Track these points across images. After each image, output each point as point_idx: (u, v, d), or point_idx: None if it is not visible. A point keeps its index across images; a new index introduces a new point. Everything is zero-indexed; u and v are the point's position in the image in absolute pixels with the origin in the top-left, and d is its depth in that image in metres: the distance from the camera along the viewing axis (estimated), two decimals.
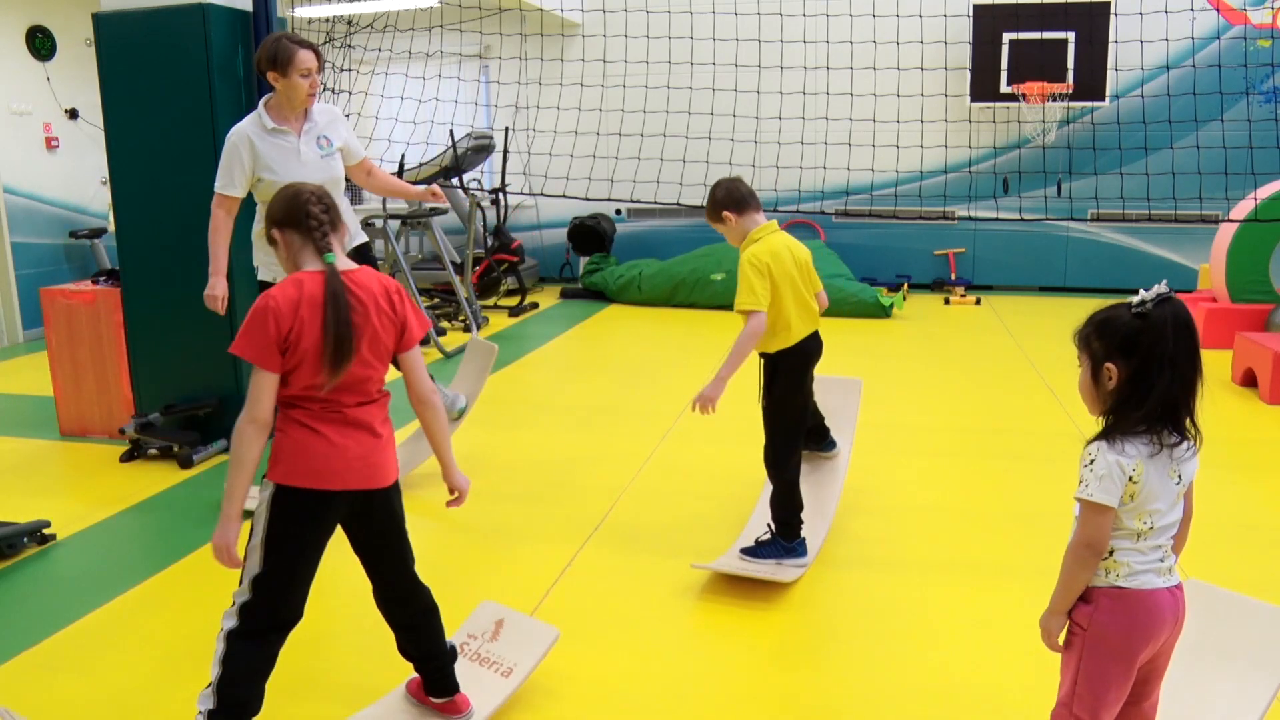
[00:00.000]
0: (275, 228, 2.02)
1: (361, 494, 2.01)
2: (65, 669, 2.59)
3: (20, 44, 7.26)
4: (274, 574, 1.97)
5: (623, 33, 6.78)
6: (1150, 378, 1.59)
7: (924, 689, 2.42)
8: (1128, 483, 1.61)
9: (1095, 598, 1.66)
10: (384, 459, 2.04)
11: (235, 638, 1.97)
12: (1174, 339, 1.59)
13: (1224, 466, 4.03)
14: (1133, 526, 1.64)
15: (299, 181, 2.10)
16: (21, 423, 4.96)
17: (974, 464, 4.15)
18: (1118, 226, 8.28)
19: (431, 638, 2.22)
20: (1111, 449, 1.61)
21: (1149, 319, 1.60)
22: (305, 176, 3.24)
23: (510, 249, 8.33)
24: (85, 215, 7.74)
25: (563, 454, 4.29)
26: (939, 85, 7.38)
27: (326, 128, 3.48)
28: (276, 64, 3.31)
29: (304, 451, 1.95)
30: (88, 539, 3.47)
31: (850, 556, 3.21)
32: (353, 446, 1.98)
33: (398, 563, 2.15)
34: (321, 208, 2.00)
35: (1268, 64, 7.60)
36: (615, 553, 3.28)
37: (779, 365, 3.04)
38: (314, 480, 1.95)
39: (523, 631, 2.47)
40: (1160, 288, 1.62)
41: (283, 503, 1.96)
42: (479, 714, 2.27)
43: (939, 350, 6.46)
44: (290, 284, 1.95)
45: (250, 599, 1.97)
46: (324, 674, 2.54)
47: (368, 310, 1.99)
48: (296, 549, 1.98)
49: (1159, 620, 1.66)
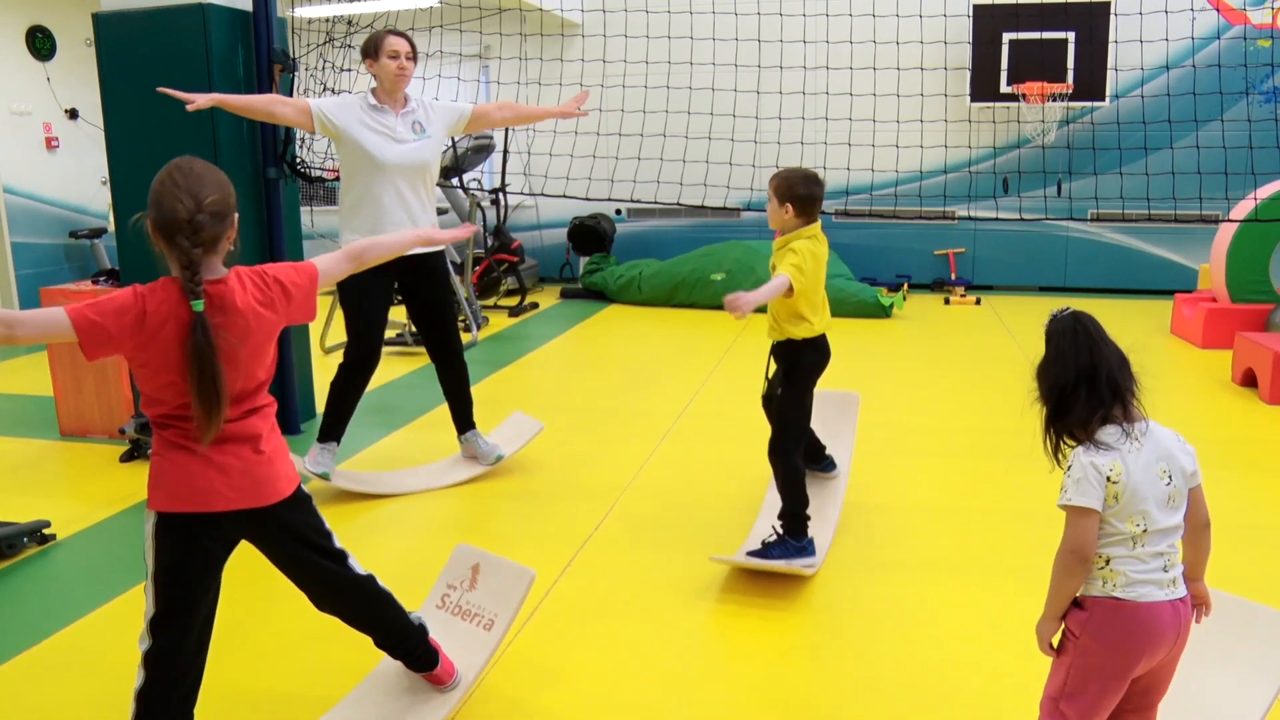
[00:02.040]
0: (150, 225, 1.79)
1: (252, 512, 1.86)
2: (65, 669, 2.58)
3: (20, 44, 7.26)
4: (168, 610, 1.82)
5: (623, 33, 6.78)
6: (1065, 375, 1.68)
7: (924, 688, 2.42)
8: (1108, 483, 1.60)
9: (1090, 606, 1.64)
10: (271, 472, 1.88)
11: (144, 698, 1.82)
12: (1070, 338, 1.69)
13: (1224, 466, 4.03)
14: (1125, 530, 1.61)
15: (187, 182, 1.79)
16: (21, 423, 4.96)
17: (974, 464, 4.15)
18: (1118, 226, 8.28)
19: (388, 626, 2.16)
20: (1085, 452, 1.64)
21: (1049, 336, 1.73)
22: (397, 154, 3.56)
23: (510, 249, 8.33)
24: (85, 215, 7.75)
25: (563, 454, 4.29)
26: (939, 85, 7.38)
27: (422, 115, 3.68)
28: (369, 51, 3.61)
29: (181, 473, 1.80)
30: (88, 539, 3.47)
31: (851, 556, 3.21)
32: (234, 463, 1.82)
33: (317, 572, 2.01)
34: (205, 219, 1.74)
35: (1268, 64, 7.61)
36: (615, 553, 3.28)
37: (802, 357, 3.07)
38: (196, 503, 1.80)
39: (500, 576, 2.45)
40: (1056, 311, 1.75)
41: (166, 532, 1.82)
42: (466, 674, 2.28)
43: (939, 350, 6.46)
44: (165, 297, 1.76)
45: (151, 645, 1.82)
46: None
47: (238, 336, 1.80)
48: (186, 579, 1.83)
49: (1157, 635, 1.62)
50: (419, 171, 3.65)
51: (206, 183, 1.78)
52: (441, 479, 3.96)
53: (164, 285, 1.79)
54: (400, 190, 3.60)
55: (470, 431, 4.03)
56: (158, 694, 1.84)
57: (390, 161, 3.57)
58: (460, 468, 4.02)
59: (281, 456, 1.92)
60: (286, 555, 1.99)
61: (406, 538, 3.50)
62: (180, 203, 1.73)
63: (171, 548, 1.82)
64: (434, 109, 3.74)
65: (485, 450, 4.02)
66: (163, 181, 1.77)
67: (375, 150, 3.55)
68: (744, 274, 7.85)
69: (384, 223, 3.57)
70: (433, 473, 4.01)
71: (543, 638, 2.70)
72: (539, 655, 2.60)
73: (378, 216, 3.58)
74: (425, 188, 3.70)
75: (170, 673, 1.84)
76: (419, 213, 3.66)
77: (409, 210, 3.63)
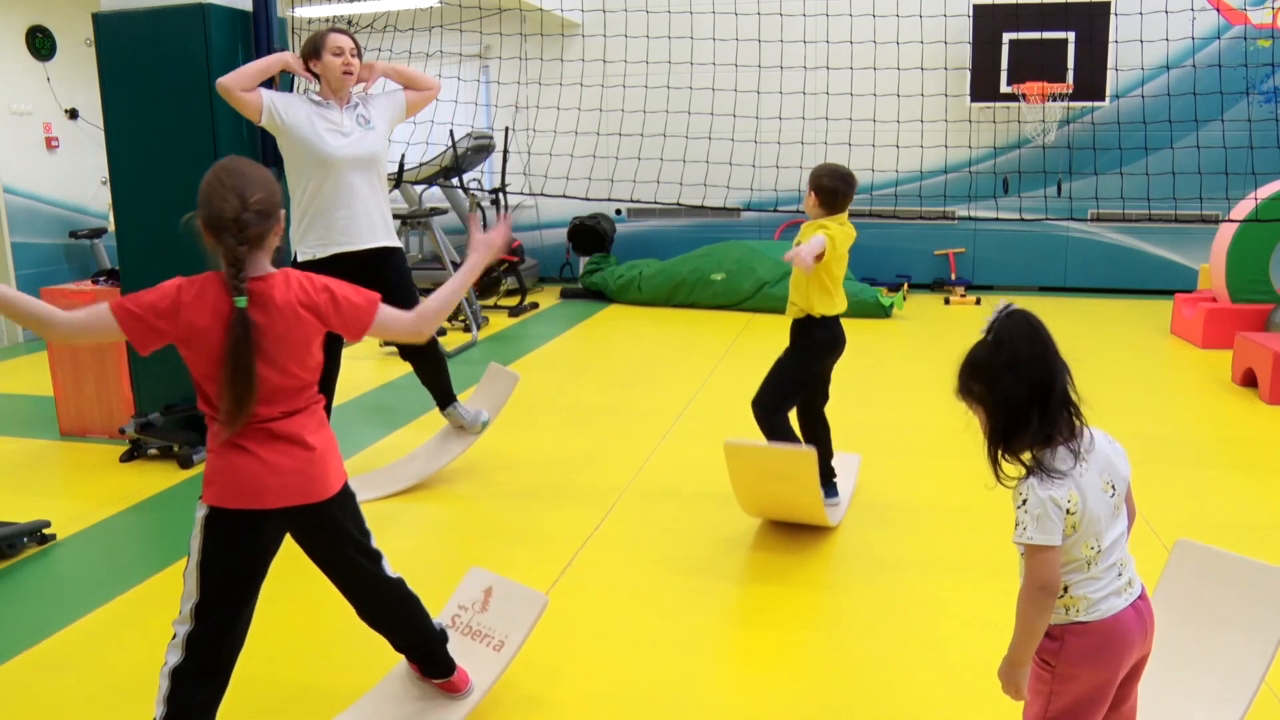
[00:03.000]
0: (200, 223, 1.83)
1: (301, 509, 1.92)
2: (65, 669, 2.59)
3: (20, 44, 7.26)
4: (212, 601, 1.88)
5: (623, 33, 6.78)
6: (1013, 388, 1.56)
7: (925, 688, 2.42)
8: (1066, 515, 1.54)
9: (1060, 635, 1.60)
10: (321, 470, 1.94)
11: (180, 675, 1.88)
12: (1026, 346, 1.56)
13: (1224, 466, 4.03)
14: (1081, 555, 1.57)
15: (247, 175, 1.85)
16: (21, 423, 4.96)
17: (974, 464, 4.12)
18: (1118, 226, 8.28)
19: (412, 628, 2.19)
20: (1041, 485, 1.55)
21: (1000, 338, 1.57)
22: (342, 147, 3.51)
23: (510, 249, 8.33)
24: (85, 215, 7.74)
25: (563, 454, 4.29)
26: (939, 85, 7.38)
27: (364, 109, 3.64)
28: (312, 51, 3.56)
29: (236, 471, 1.86)
30: (88, 539, 3.47)
31: (851, 555, 3.21)
32: (285, 462, 1.88)
33: (355, 570, 2.07)
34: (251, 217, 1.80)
35: (1268, 64, 7.60)
36: (615, 553, 3.28)
37: (813, 333, 3.30)
38: (247, 500, 1.87)
39: (512, 599, 2.45)
40: (1000, 308, 1.60)
41: (217, 525, 1.88)
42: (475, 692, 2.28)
43: (939, 350, 6.44)
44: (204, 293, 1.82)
45: (194, 628, 1.88)
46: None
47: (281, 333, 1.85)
48: (233, 572, 1.90)
49: (1128, 643, 1.60)
50: (368, 164, 3.58)
51: (252, 182, 1.84)
52: (437, 460, 3.95)
53: (208, 279, 1.85)
54: (352, 184, 3.53)
55: (451, 405, 3.99)
56: (194, 676, 1.89)
57: (339, 156, 3.50)
58: (452, 443, 4.01)
59: (331, 453, 1.98)
60: (329, 551, 2.04)
61: (406, 538, 3.50)
62: (227, 202, 1.79)
63: (220, 540, 1.89)
64: (374, 101, 3.69)
65: (470, 418, 3.99)
66: (210, 182, 1.83)
67: (323, 145, 3.48)
68: (744, 274, 7.85)
69: (335, 219, 3.51)
70: (428, 455, 4.00)
71: (542, 637, 2.69)
72: (538, 655, 2.59)
73: (327, 216, 3.52)
74: (378, 180, 3.64)
75: (211, 657, 1.90)
76: (371, 205, 3.58)
77: (361, 203, 3.55)
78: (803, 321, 3.31)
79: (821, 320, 3.28)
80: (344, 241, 3.54)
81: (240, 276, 1.80)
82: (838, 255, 3.24)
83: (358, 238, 3.55)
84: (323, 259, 3.51)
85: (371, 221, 3.58)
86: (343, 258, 3.51)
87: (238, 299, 1.79)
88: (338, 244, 3.53)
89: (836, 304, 3.30)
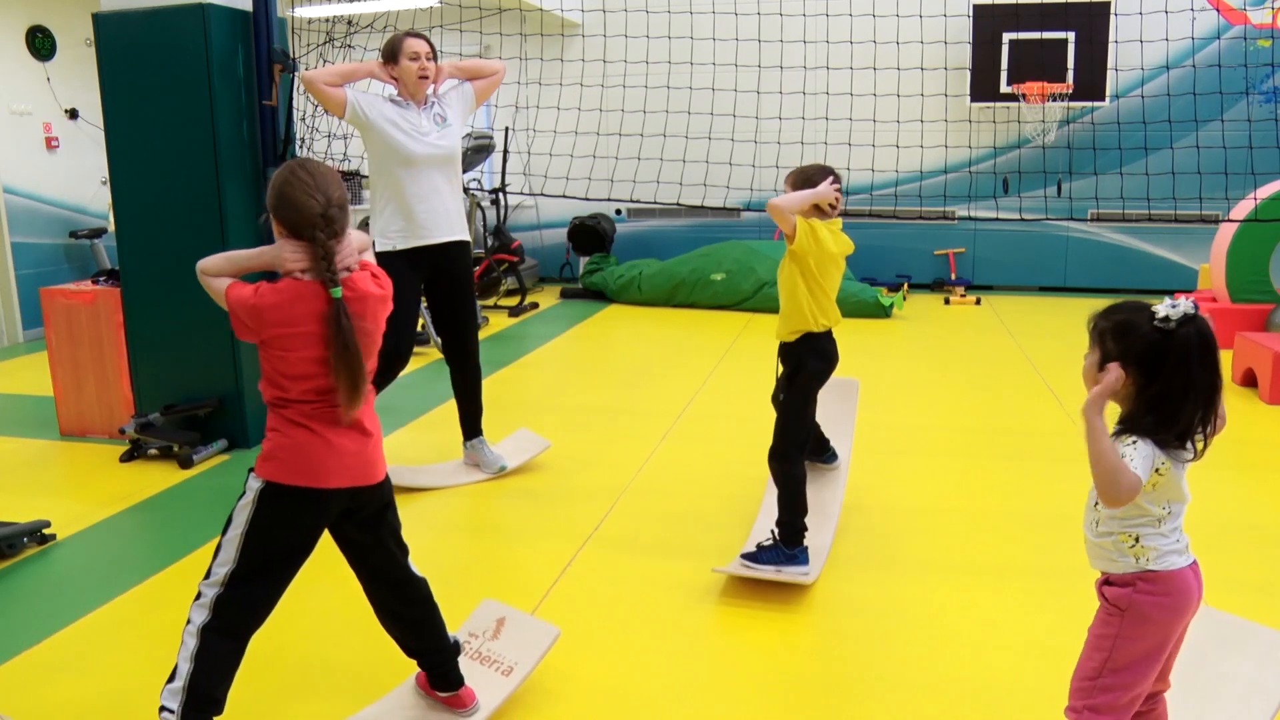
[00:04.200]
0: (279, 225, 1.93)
1: (356, 491, 2.00)
2: (65, 669, 2.58)
3: (20, 44, 7.26)
4: (252, 572, 1.94)
5: (623, 33, 6.79)
6: (1174, 400, 1.60)
7: (926, 688, 2.42)
8: (1154, 473, 1.63)
9: (1130, 581, 1.69)
10: (376, 455, 2.04)
11: (209, 632, 1.93)
12: (1199, 363, 1.59)
13: (1224, 466, 4.03)
14: (1154, 512, 1.67)
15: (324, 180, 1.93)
16: (21, 423, 4.96)
17: (974, 464, 4.15)
18: (1118, 226, 8.28)
19: (430, 631, 2.22)
20: (1146, 443, 1.62)
21: (1173, 338, 1.59)
22: (425, 148, 3.62)
23: (510, 249, 8.33)
24: (85, 215, 7.74)
25: (563, 454, 4.29)
26: (939, 85, 7.38)
27: (440, 107, 3.73)
28: (389, 55, 3.65)
29: (301, 450, 1.93)
30: (88, 539, 3.47)
31: (851, 556, 3.21)
32: (348, 444, 1.97)
33: (388, 556, 2.14)
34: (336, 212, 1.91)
35: (1268, 64, 7.60)
36: (615, 553, 3.28)
37: (806, 362, 3.05)
38: (311, 479, 1.93)
39: (524, 630, 2.47)
40: (1186, 305, 1.59)
41: (273, 500, 1.94)
42: (481, 711, 2.28)
43: (939, 350, 6.46)
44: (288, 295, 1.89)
45: (224, 593, 1.93)
46: (328, 669, 2.54)
47: (366, 325, 1.95)
48: (279, 549, 1.97)
49: (1187, 597, 1.69)
50: (447, 161, 3.72)
51: (330, 180, 1.93)
52: (441, 481, 3.96)
53: (286, 285, 1.90)
54: (433, 180, 3.67)
55: (477, 439, 4.03)
56: (220, 634, 1.93)
57: (420, 155, 3.63)
58: (461, 474, 4.02)
59: (380, 438, 2.06)
60: (372, 537, 2.09)
61: (405, 538, 3.49)
62: (313, 199, 1.88)
63: (272, 515, 1.94)
64: (447, 98, 3.80)
65: (489, 460, 4.02)
66: (289, 182, 1.91)
67: (404, 145, 3.61)
68: (744, 274, 7.85)
69: (416, 215, 3.64)
70: (434, 474, 4.01)
71: None
72: None
73: (409, 210, 3.65)
74: (455, 175, 3.79)
75: (237, 622, 1.95)
76: (451, 203, 3.74)
77: (441, 198, 3.70)
78: (793, 347, 3.05)
79: (813, 343, 3.03)
80: (424, 235, 3.68)
81: (333, 269, 1.88)
82: (828, 253, 2.98)
83: (437, 231, 3.70)
84: (402, 250, 3.66)
85: (450, 216, 3.74)
86: (421, 250, 3.67)
87: (334, 289, 1.87)
88: (420, 237, 3.67)
89: (829, 314, 3.06)
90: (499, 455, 4.05)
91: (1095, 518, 1.73)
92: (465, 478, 3.99)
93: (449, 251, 3.75)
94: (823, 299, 3.02)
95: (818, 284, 3.00)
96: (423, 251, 3.68)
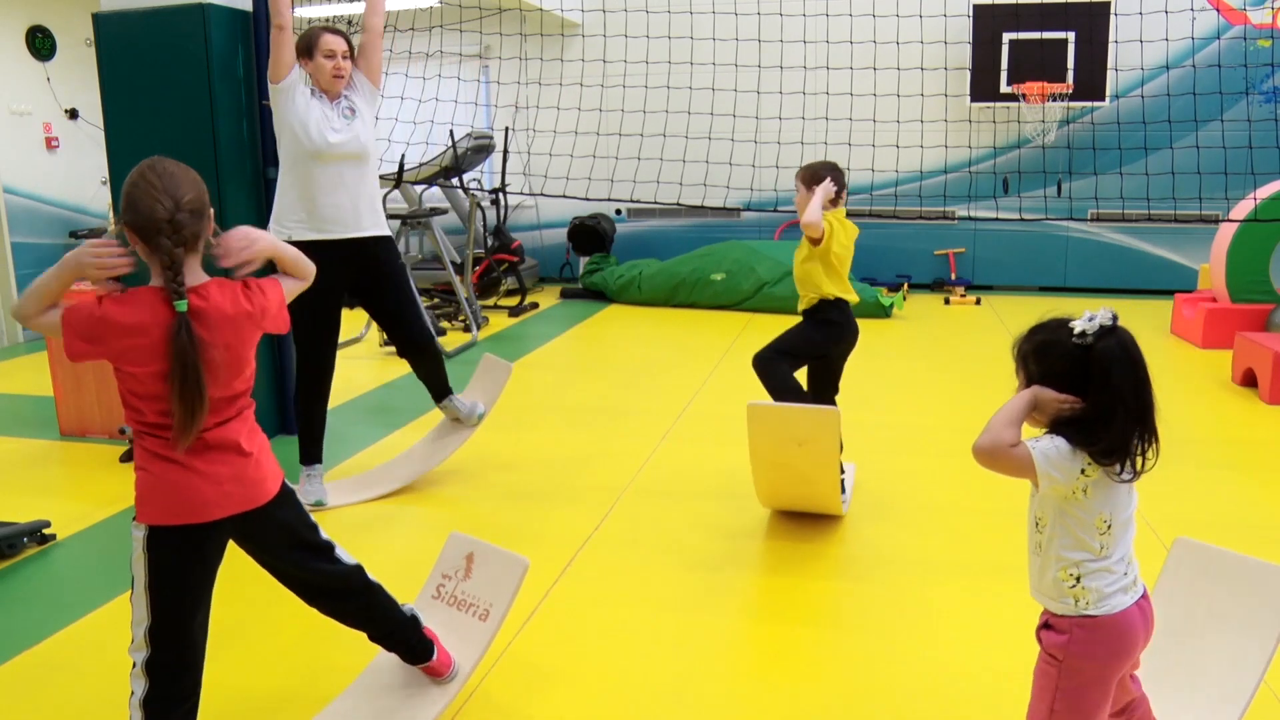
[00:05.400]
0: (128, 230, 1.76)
1: (244, 515, 1.87)
2: (65, 669, 2.59)
3: (20, 44, 7.26)
4: (166, 623, 1.81)
5: (623, 33, 6.78)
6: (1104, 418, 1.53)
7: (926, 688, 2.42)
8: (1079, 474, 1.55)
9: (1067, 628, 1.62)
10: (259, 474, 1.89)
11: (151, 703, 1.81)
12: (1119, 376, 1.52)
13: (1224, 466, 4.04)
14: (1090, 541, 1.59)
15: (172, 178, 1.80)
16: (21, 423, 4.96)
17: (974, 464, 4.13)
18: (1118, 226, 8.28)
19: (379, 617, 2.16)
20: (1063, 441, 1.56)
21: (1093, 352, 1.53)
22: (334, 141, 3.51)
23: (510, 249, 8.33)
24: (85, 215, 7.74)
25: (563, 454, 4.29)
26: (939, 85, 7.38)
27: (351, 95, 3.64)
28: (303, 50, 3.55)
29: (173, 488, 1.79)
30: (88, 539, 3.47)
31: (851, 556, 3.21)
32: (223, 470, 1.82)
33: (307, 568, 2.02)
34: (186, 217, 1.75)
35: (1268, 64, 7.60)
36: (615, 553, 3.28)
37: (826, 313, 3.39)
38: (188, 515, 1.80)
39: (493, 564, 2.43)
40: (1104, 316, 1.54)
41: (161, 543, 1.80)
42: (463, 665, 2.28)
43: (939, 350, 6.46)
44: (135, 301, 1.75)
45: (151, 654, 1.81)
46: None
47: (218, 345, 1.78)
48: (183, 589, 1.83)
49: (1132, 641, 1.63)
50: (359, 155, 3.59)
51: (182, 181, 1.78)
52: (434, 457, 3.95)
53: (136, 293, 1.77)
54: (341, 174, 3.54)
55: (447, 397, 3.99)
56: (164, 701, 1.83)
57: (330, 149, 3.51)
58: (448, 438, 4.01)
59: (266, 455, 1.92)
60: (276, 553, 1.99)
61: (403, 538, 3.50)
62: (159, 203, 1.73)
63: (166, 560, 1.81)
64: (356, 89, 3.66)
65: (466, 410, 4.00)
66: (135, 183, 1.76)
67: (317, 137, 3.48)
68: (744, 274, 7.85)
69: (320, 205, 3.51)
70: (424, 452, 4.00)
71: (541, 639, 2.70)
72: (537, 656, 2.60)
73: (316, 200, 3.52)
74: (369, 169, 3.64)
75: (176, 680, 1.84)
76: (359, 194, 3.59)
77: (348, 192, 3.56)
78: (815, 305, 3.39)
79: (835, 301, 3.36)
80: (329, 229, 3.53)
81: (178, 280, 1.72)
82: (842, 244, 3.32)
83: (342, 226, 3.56)
84: (301, 242, 3.49)
85: (358, 210, 3.59)
86: (324, 244, 3.45)
87: (178, 303, 1.72)
88: (322, 230, 3.52)
89: (847, 289, 3.39)
90: (473, 403, 4.03)
91: (1037, 539, 1.66)
92: (454, 442, 3.97)
93: (366, 248, 3.61)
94: (836, 277, 3.36)
95: (833, 268, 3.35)
96: (330, 247, 3.45)
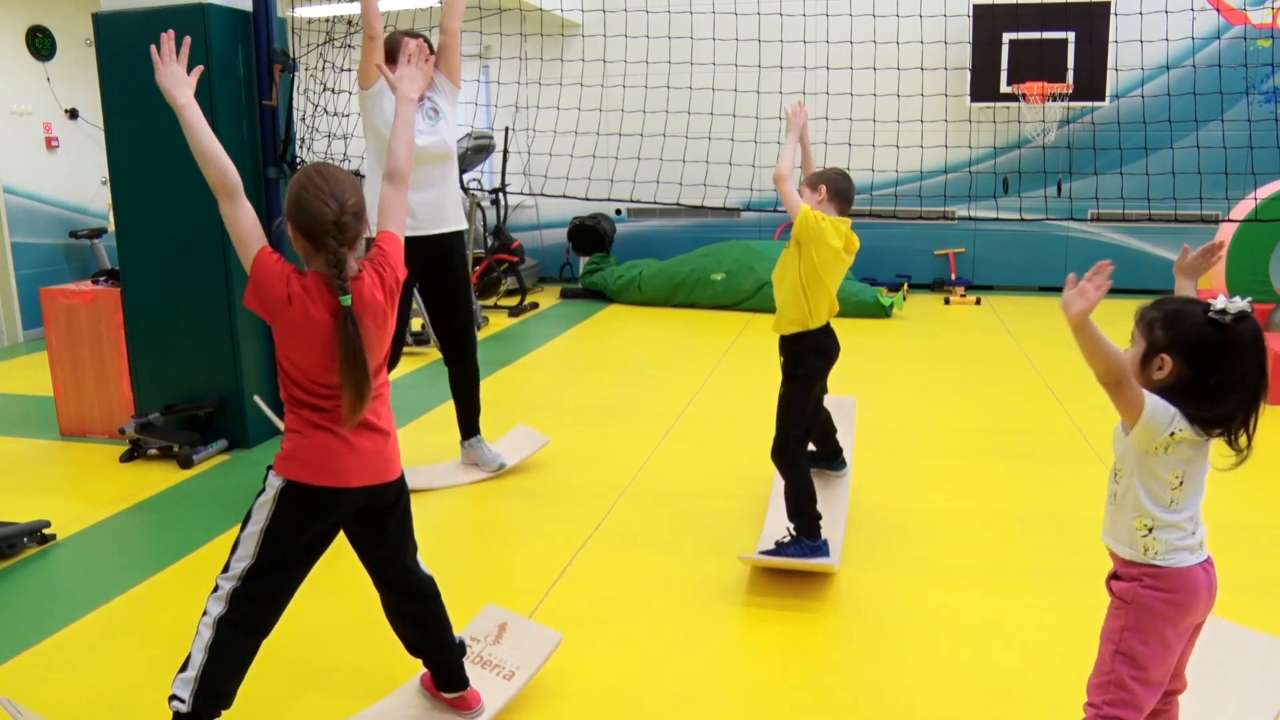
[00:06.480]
0: (293, 229, 1.94)
1: (374, 488, 2.03)
2: (65, 669, 2.59)
3: (20, 44, 7.26)
4: (268, 567, 1.96)
5: (623, 33, 6.78)
6: (1220, 393, 1.60)
7: (927, 688, 2.42)
8: (1168, 436, 1.62)
9: (1136, 575, 1.70)
10: (393, 452, 2.07)
11: (225, 625, 1.94)
12: (1250, 358, 1.60)
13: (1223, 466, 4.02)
14: (1162, 494, 1.67)
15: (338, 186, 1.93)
16: (21, 423, 4.96)
17: (974, 464, 4.15)
18: (1118, 226, 8.28)
19: (435, 630, 2.22)
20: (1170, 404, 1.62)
21: (1227, 333, 1.60)
22: (421, 144, 3.53)
23: (510, 249, 8.33)
24: (85, 215, 7.74)
25: (563, 454, 4.29)
26: (939, 85, 7.38)
27: (434, 97, 3.75)
28: (390, 56, 3.55)
29: (322, 451, 1.96)
30: (88, 539, 3.47)
31: (851, 555, 3.20)
32: (367, 444, 2.00)
33: (401, 558, 2.16)
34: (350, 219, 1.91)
35: (1268, 64, 7.60)
36: (616, 553, 3.28)
37: (804, 360, 3.08)
38: (332, 479, 1.96)
39: (526, 635, 2.47)
40: (1242, 303, 1.61)
41: (293, 498, 1.96)
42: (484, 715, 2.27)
43: (939, 350, 6.46)
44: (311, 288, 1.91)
45: (240, 587, 1.95)
46: (332, 667, 2.54)
47: (371, 328, 1.96)
48: (296, 545, 1.99)
49: (1195, 595, 1.69)
50: (445, 155, 3.73)
51: (346, 186, 1.93)
52: (440, 481, 3.96)
53: (313, 277, 1.92)
54: (428, 174, 3.65)
55: (475, 438, 4.04)
56: (236, 628, 1.95)
57: (419, 150, 3.57)
58: (460, 473, 4.02)
59: (395, 436, 2.09)
60: (384, 535, 2.11)
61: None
62: (327, 205, 1.89)
63: (292, 514, 1.96)
64: (438, 90, 3.80)
65: (488, 458, 4.02)
66: (304, 187, 1.92)
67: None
68: (744, 274, 7.85)
69: (414, 207, 3.58)
70: (433, 474, 4.01)
71: None
72: None
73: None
74: (451, 166, 3.80)
75: (253, 613, 1.97)
76: (444, 192, 3.74)
77: (434, 190, 3.69)
78: (792, 341, 3.09)
79: (812, 339, 3.08)
80: (421, 226, 3.67)
81: (343, 276, 1.89)
82: (835, 254, 3.04)
83: (428, 223, 3.70)
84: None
85: (443, 208, 3.74)
86: (416, 240, 3.57)
87: (344, 298, 1.88)
88: (415, 228, 3.62)
89: (828, 310, 3.11)
90: (497, 453, 4.05)
91: (1115, 489, 1.74)
92: (464, 477, 3.99)
93: (445, 242, 3.76)
94: (819, 292, 3.06)
95: (815, 276, 3.03)
96: (417, 243, 3.58)
